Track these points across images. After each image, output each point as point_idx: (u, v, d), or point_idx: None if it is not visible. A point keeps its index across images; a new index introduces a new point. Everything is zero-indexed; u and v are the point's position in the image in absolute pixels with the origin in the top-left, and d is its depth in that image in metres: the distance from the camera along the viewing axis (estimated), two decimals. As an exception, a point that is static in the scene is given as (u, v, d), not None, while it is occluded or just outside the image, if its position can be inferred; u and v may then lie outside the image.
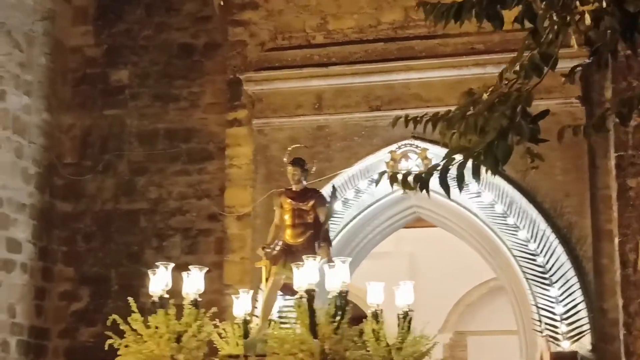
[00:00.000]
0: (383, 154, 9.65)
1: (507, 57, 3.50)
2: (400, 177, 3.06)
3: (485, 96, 2.96)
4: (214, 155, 10.45)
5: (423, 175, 2.99)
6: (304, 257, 6.53)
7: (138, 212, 10.55)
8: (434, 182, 3.13)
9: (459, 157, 2.88)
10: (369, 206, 9.96)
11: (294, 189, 7.44)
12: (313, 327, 6.24)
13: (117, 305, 10.30)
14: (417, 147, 9.49)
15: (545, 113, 2.97)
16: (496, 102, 2.86)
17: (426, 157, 9.45)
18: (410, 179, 3.02)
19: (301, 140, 9.91)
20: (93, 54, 11.04)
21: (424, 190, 3.00)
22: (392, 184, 3.07)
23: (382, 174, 3.37)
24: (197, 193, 10.43)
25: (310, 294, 6.34)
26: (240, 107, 10.24)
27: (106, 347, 6.79)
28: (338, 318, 6.27)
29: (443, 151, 3.48)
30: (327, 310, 6.31)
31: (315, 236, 7.24)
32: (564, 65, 6.45)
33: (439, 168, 2.90)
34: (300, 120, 9.99)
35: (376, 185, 3.93)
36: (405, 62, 9.80)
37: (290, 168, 7.45)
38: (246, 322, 7.12)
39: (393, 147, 9.59)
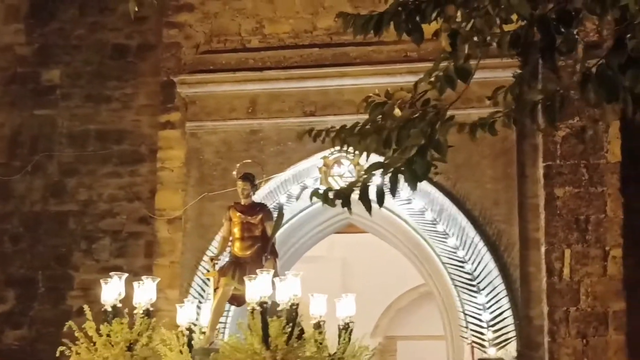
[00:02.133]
0: (316, 160, 9.67)
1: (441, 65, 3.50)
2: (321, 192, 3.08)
3: (397, 111, 2.99)
4: (145, 157, 10.36)
5: (343, 191, 3.01)
6: (257, 270, 6.78)
7: (67, 213, 10.40)
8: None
9: (378, 172, 2.91)
10: (301, 211, 9.97)
11: (242, 203, 7.70)
12: (266, 338, 6.49)
13: (44, 308, 10.19)
14: (350, 153, 9.50)
15: (450, 119, 3.00)
16: (412, 118, 2.90)
17: (358, 164, 9.47)
18: (331, 195, 3.04)
19: (234, 143, 9.90)
20: (24, 52, 10.86)
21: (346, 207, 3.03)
22: (311, 199, 3.10)
23: (317, 191, 3.42)
24: (128, 195, 10.33)
25: (263, 306, 6.58)
26: (173, 110, 10.18)
27: (57, 354, 6.90)
28: (289, 329, 6.52)
29: (376, 158, 3.50)
30: (279, 322, 6.54)
31: (262, 249, 7.52)
32: (495, 75, 6.58)
33: (359, 184, 2.93)
34: (234, 124, 9.96)
35: (311, 200, 3.95)
36: (339, 68, 9.84)
37: (240, 183, 7.70)
38: (190, 331, 7.27)
39: (326, 152, 9.61)
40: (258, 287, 6.67)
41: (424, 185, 9.44)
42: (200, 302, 8.42)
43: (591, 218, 9.17)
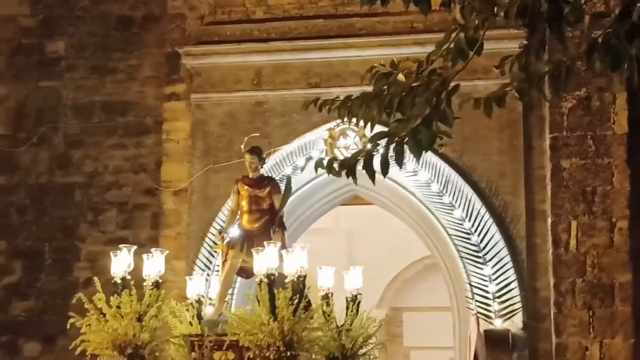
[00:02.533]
0: (321, 131, 9.64)
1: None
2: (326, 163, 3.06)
3: (400, 76, 2.96)
4: (151, 129, 10.34)
5: (347, 161, 3.00)
6: (265, 243, 6.88)
7: (73, 185, 10.40)
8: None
9: (383, 142, 2.89)
10: (307, 183, 9.96)
11: (250, 177, 7.73)
12: (273, 309, 6.60)
13: (51, 280, 10.23)
14: (355, 124, 9.47)
15: (455, 89, 2.96)
16: (416, 87, 2.87)
17: (364, 135, 9.43)
18: (335, 165, 3.02)
19: (239, 115, 9.88)
20: (28, 24, 10.81)
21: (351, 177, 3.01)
22: (316, 170, 3.08)
23: (321, 161, 3.40)
24: (134, 167, 10.32)
25: (270, 277, 6.68)
26: (178, 81, 10.15)
27: (68, 326, 7.00)
28: (296, 301, 6.62)
29: (380, 129, 3.48)
30: (285, 293, 6.62)
31: (270, 222, 7.56)
32: (501, 46, 6.53)
33: (363, 154, 2.91)
34: (239, 95, 9.93)
35: (316, 171, 3.95)
36: (344, 39, 9.79)
37: (247, 156, 7.72)
38: (200, 303, 7.37)
39: (332, 124, 9.57)
40: (265, 259, 6.75)
41: (430, 157, 9.43)
42: (208, 274, 8.48)
43: (598, 189, 9.15)
